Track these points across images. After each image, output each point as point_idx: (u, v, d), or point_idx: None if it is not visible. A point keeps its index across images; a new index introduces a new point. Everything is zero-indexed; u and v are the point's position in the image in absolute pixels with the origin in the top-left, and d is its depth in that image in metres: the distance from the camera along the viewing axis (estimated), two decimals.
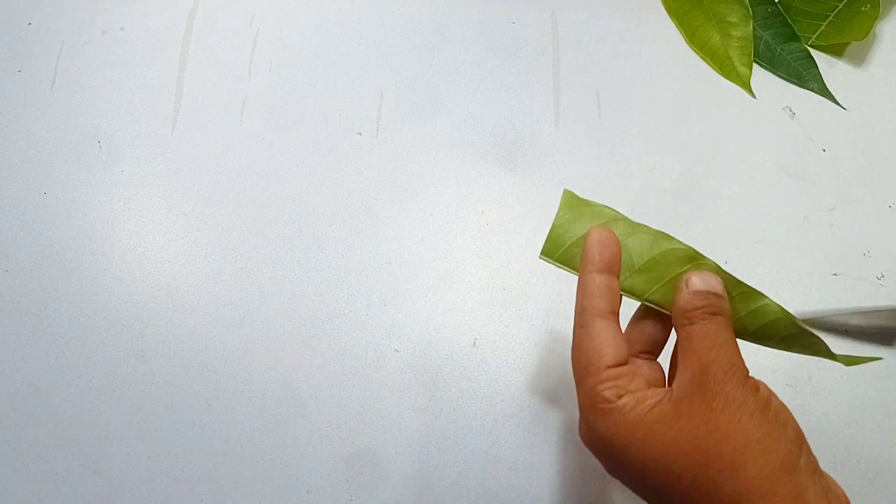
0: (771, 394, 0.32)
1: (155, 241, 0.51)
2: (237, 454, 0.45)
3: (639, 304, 0.37)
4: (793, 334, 0.36)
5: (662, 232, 0.36)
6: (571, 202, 0.37)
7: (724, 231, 0.50)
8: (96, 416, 0.46)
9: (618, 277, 0.35)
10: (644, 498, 0.33)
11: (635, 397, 0.32)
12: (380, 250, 0.50)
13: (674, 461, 0.31)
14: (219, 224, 0.51)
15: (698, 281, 0.34)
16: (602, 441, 0.33)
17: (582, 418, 0.34)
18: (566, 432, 0.45)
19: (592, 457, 0.45)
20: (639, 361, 0.36)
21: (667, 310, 0.35)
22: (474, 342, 0.48)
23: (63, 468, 0.45)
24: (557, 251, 0.36)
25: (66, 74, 0.56)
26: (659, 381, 0.36)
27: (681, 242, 0.36)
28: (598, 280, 0.34)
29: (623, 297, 0.35)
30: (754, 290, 0.36)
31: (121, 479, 0.45)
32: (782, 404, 0.32)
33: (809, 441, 0.37)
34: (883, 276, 0.49)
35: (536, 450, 0.45)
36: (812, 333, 0.36)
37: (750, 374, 0.33)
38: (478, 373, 0.47)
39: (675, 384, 0.33)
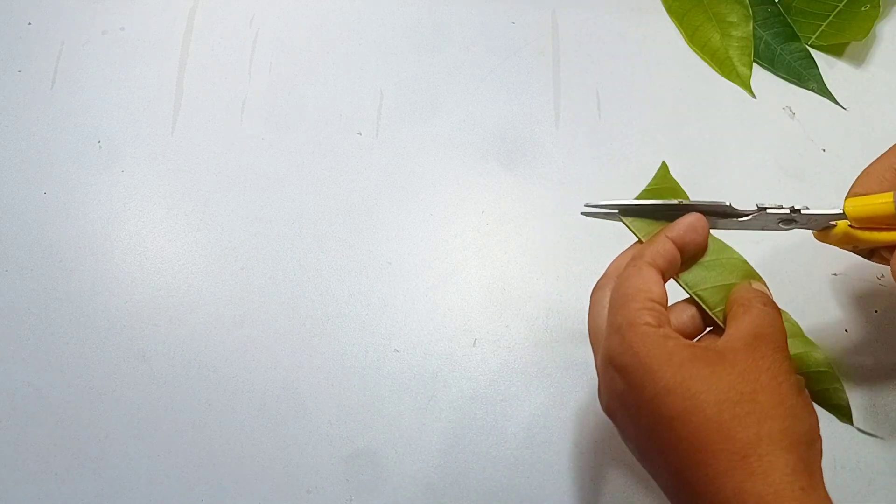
0: (802, 380, 0.33)
1: (155, 241, 0.51)
2: (237, 454, 0.45)
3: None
4: (827, 389, 0.37)
5: (730, 247, 0.38)
6: (666, 176, 0.40)
7: (724, 231, 0.50)
8: (96, 416, 0.46)
9: (683, 261, 0.36)
10: (647, 431, 0.32)
11: (675, 331, 0.33)
12: (380, 250, 0.50)
13: (704, 390, 0.31)
14: (219, 224, 0.51)
15: (760, 285, 0.36)
16: (634, 358, 0.32)
17: (614, 337, 0.33)
18: (566, 432, 0.45)
19: (592, 456, 0.45)
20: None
21: (711, 311, 0.36)
22: (474, 342, 0.48)
23: (63, 468, 0.45)
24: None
25: (66, 74, 0.56)
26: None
27: (745, 260, 0.38)
28: (668, 245, 0.35)
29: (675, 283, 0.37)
30: (803, 334, 0.37)
31: (121, 479, 0.45)
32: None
33: None
34: (883, 276, 0.49)
35: (536, 450, 0.45)
36: (843, 391, 0.37)
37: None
38: (478, 373, 0.47)
39: (721, 340, 0.33)
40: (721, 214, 0.38)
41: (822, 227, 0.39)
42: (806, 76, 0.55)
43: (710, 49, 0.56)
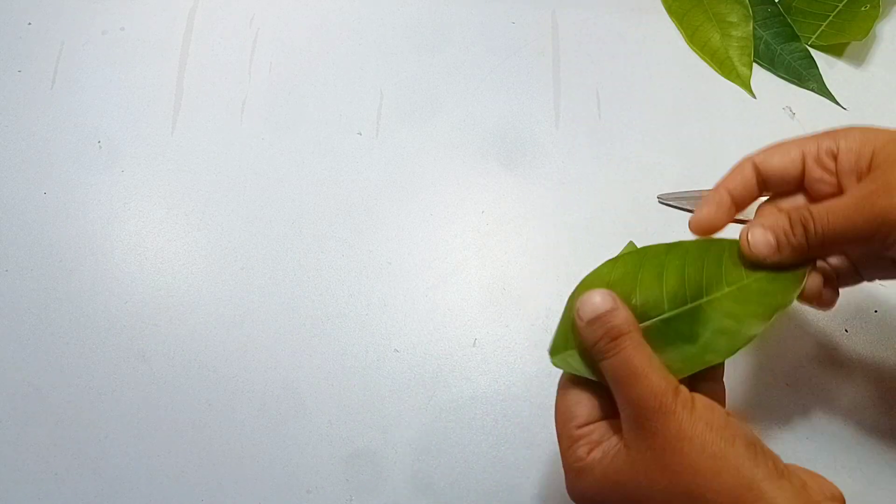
0: (712, 407, 0.31)
1: (155, 241, 0.51)
2: (237, 454, 0.45)
3: None
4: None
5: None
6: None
7: (724, 231, 0.50)
8: (96, 416, 0.46)
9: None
10: None
11: (602, 450, 0.33)
12: (380, 250, 0.50)
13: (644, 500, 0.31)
14: (219, 224, 0.51)
15: (584, 307, 0.33)
16: (583, 499, 0.34)
17: (565, 474, 0.34)
18: None
19: None
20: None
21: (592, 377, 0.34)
22: (474, 342, 0.48)
23: (63, 468, 0.45)
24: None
25: (66, 74, 0.56)
26: None
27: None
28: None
29: None
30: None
31: (121, 479, 0.45)
32: (726, 416, 0.31)
33: (810, 441, 0.36)
34: None
35: (536, 450, 0.45)
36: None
37: (680, 386, 0.32)
38: (478, 373, 0.47)
39: (622, 427, 0.32)
40: None
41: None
42: (806, 76, 0.55)
43: (710, 49, 0.56)
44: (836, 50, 0.56)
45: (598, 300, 0.33)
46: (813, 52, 0.56)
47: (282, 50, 0.57)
